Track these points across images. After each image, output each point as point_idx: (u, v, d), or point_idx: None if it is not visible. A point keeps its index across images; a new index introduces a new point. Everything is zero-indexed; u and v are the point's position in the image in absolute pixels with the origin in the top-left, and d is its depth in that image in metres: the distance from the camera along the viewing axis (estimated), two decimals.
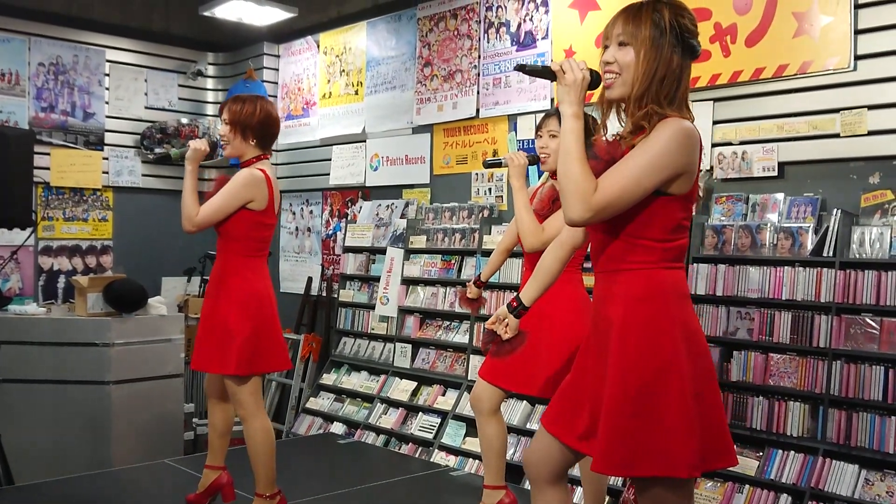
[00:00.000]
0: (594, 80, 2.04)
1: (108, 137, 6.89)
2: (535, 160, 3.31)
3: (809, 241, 3.80)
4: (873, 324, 3.56)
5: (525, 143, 5.10)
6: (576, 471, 3.91)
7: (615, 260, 2.04)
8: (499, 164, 3.41)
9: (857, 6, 3.80)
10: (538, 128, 3.28)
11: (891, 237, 3.58)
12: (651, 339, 1.97)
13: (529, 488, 2.28)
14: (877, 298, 3.55)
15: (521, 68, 2.12)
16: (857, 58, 3.81)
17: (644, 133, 1.98)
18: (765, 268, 3.90)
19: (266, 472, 3.36)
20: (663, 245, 2.01)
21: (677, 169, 1.95)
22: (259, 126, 3.36)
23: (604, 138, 2.09)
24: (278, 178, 7.14)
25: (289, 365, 3.50)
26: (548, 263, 2.51)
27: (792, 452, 3.73)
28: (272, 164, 3.53)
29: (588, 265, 3.20)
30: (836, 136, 3.87)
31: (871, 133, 3.77)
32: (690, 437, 1.92)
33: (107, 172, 6.88)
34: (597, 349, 2.07)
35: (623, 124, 2.08)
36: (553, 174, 3.26)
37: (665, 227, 2.00)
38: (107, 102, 6.89)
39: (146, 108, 7.12)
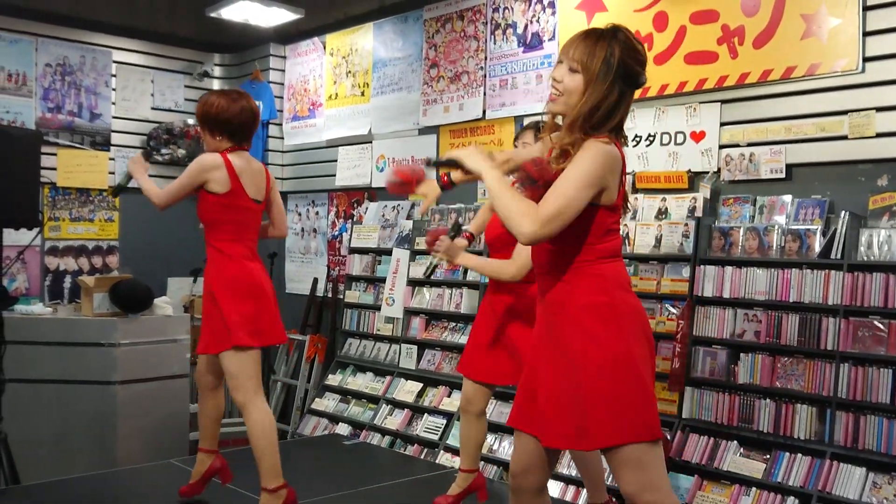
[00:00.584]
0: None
1: (115, 138, 6.90)
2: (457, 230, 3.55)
3: (817, 244, 3.79)
4: (881, 326, 3.54)
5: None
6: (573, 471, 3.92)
7: (561, 261, 2.27)
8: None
9: (866, 8, 3.79)
10: (514, 139, 3.43)
11: None
12: (609, 319, 2.22)
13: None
14: (885, 301, 3.54)
15: (433, 164, 2.33)
16: (866, 60, 3.80)
17: (570, 157, 2.19)
18: (772, 270, 3.88)
19: (270, 462, 3.35)
20: (599, 245, 2.25)
21: (603, 184, 2.17)
22: (215, 120, 3.42)
23: (531, 161, 2.26)
24: (284, 178, 7.18)
25: (284, 338, 3.55)
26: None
27: (799, 455, 3.71)
28: (275, 164, 3.57)
29: None
30: (844, 138, 3.86)
31: (879, 135, 3.76)
32: (654, 405, 2.24)
33: (113, 173, 6.88)
34: (550, 340, 2.28)
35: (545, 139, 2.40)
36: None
37: (597, 233, 2.24)
38: (113, 103, 6.90)
39: (152, 108, 7.13)
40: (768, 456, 3.79)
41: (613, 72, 2.18)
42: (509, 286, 3.42)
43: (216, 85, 7.53)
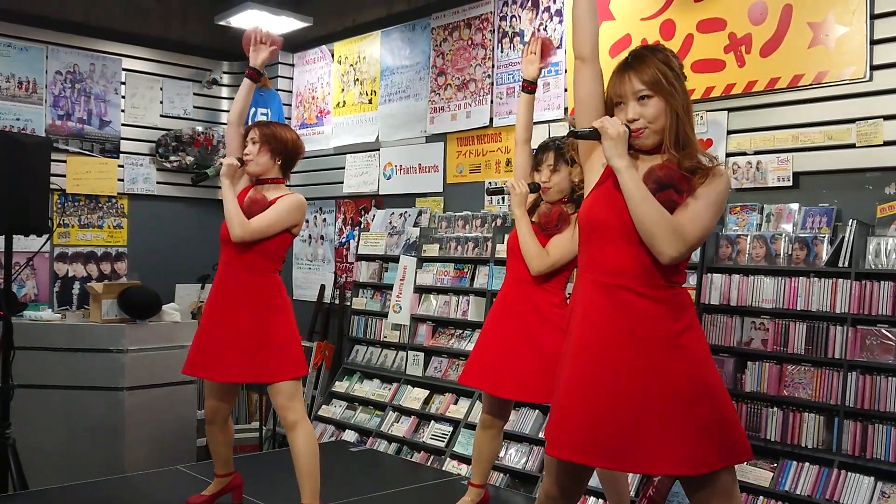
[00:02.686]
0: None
1: (124, 145, 6.94)
2: (536, 188, 3.39)
3: (825, 252, 3.78)
4: (889, 335, 3.53)
5: None
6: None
7: (664, 276, 2.16)
8: (501, 192, 3.52)
9: (873, 16, 3.79)
10: (537, 163, 3.38)
11: None
12: (706, 347, 2.21)
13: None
14: (893, 309, 3.53)
15: (573, 134, 2.24)
16: (873, 68, 3.80)
17: (703, 175, 2.16)
18: (779, 278, 3.88)
19: (315, 481, 3.38)
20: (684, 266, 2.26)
21: None
22: (291, 150, 3.51)
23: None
24: (292, 185, 7.19)
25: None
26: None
27: (807, 464, 3.70)
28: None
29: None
30: (852, 146, 3.86)
31: (886, 143, 3.76)
32: None
33: (122, 180, 6.92)
34: (644, 362, 2.13)
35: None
36: (554, 204, 3.36)
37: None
38: (122, 110, 6.94)
39: (161, 116, 7.16)
40: (776, 465, 3.78)
41: (679, 71, 2.20)
42: (546, 288, 3.34)
43: (225, 92, 7.57)
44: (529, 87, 3.43)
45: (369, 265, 6.14)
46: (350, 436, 5.66)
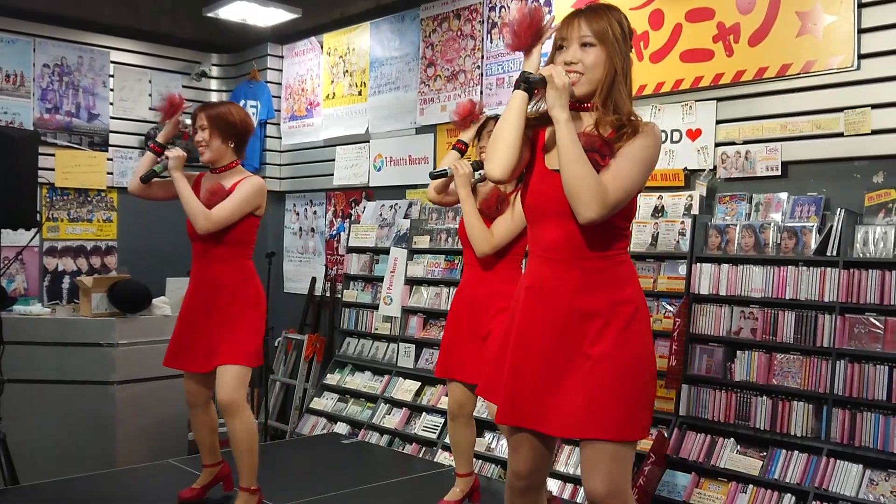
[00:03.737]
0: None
1: (113, 138, 6.91)
2: (479, 166, 3.39)
3: (813, 241, 3.79)
4: (877, 323, 3.55)
5: None
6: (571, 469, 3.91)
7: (598, 248, 2.16)
8: (444, 175, 3.52)
9: (861, 5, 3.79)
10: (479, 131, 3.40)
11: (895, 236, 3.57)
12: (642, 319, 2.21)
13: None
14: (881, 298, 3.54)
15: (524, 81, 2.16)
16: (861, 57, 3.80)
17: (627, 134, 2.13)
18: (768, 267, 3.89)
19: (254, 464, 3.44)
20: (629, 232, 2.27)
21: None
22: (241, 129, 3.46)
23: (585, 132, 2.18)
24: (282, 178, 7.19)
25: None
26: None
27: (796, 452, 3.72)
28: (273, 164, 3.60)
29: None
30: (840, 135, 3.86)
31: (874, 132, 3.76)
32: None
33: (111, 173, 6.89)
34: (574, 334, 2.16)
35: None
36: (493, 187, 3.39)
37: (629, 217, 2.23)
38: (111, 103, 6.91)
39: (150, 109, 7.13)
40: (765, 453, 3.80)
41: (629, 34, 2.19)
42: (500, 271, 3.35)
43: (214, 85, 7.53)
44: (462, 146, 3.54)
45: (360, 257, 6.14)
46: (342, 428, 5.67)
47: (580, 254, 2.16)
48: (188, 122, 3.63)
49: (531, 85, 2.15)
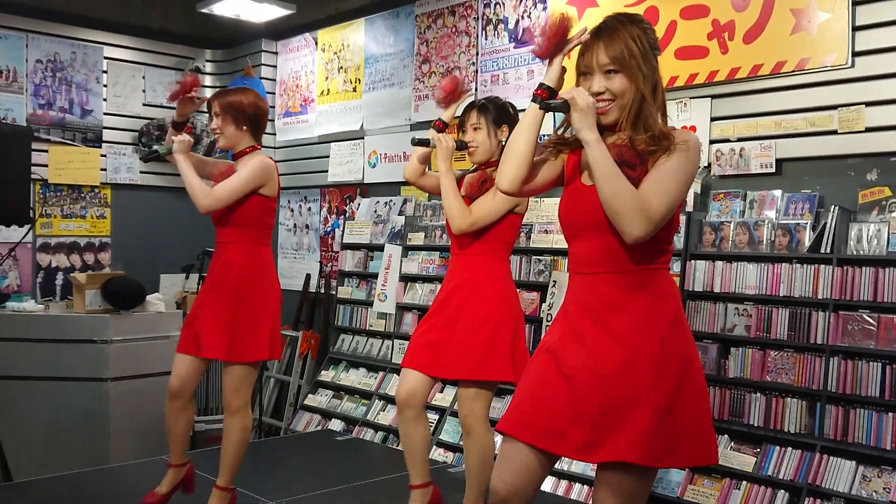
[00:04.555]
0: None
1: (106, 134, 6.89)
2: (463, 146, 3.31)
3: (807, 238, 3.80)
4: (871, 320, 3.56)
5: None
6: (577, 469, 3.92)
7: (636, 261, 2.09)
8: (427, 144, 3.37)
9: (855, 3, 3.80)
10: (460, 124, 3.31)
11: (888, 234, 3.59)
12: (683, 331, 2.12)
13: None
14: (874, 295, 3.56)
15: (545, 107, 2.10)
16: (855, 54, 3.81)
17: (663, 148, 2.06)
18: (762, 264, 3.90)
19: (238, 464, 3.42)
20: (671, 247, 2.18)
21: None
22: (252, 113, 3.43)
23: (614, 143, 2.14)
24: (279, 174, 7.17)
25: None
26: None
27: (789, 449, 3.73)
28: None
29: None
30: (834, 132, 3.87)
31: (868, 130, 3.77)
32: None
33: (105, 169, 6.87)
34: (600, 350, 2.07)
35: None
36: (481, 166, 3.30)
37: (672, 230, 2.16)
38: (104, 99, 6.88)
39: (144, 105, 7.11)
40: (759, 450, 3.81)
41: (649, 49, 2.10)
42: (485, 262, 3.21)
43: (208, 81, 7.51)
44: (441, 125, 3.39)
45: (354, 254, 6.13)
46: (336, 425, 5.67)
47: (619, 267, 2.10)
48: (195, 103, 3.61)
49: (553, 111, 2.10)
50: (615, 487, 2.06)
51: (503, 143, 3.21)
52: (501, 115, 3.26)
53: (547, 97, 2.12)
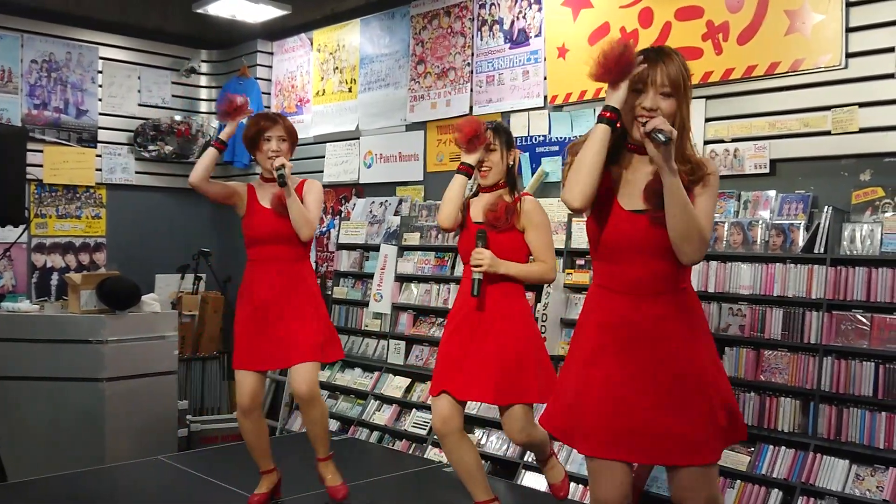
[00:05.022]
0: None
1: (102, 135, 6.89)
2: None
3: (801, 238, 3.82)
4: (864, 320, 3.58)
5: (521, 140, 5.10)
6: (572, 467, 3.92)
7: (672, 282, 2.27)
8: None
9: (849, 4, 3.82)
10: (488, 145, 3.25)
11: (881, 234, 3.60)
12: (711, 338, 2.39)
13: None
14: (867, 295, 3.57)
15: (666, 142, 2.08)
16: (849, 55, 3.83)
17: (700, 177, 2.24)
18: (756, 264, 3.91)
19: (328, 437, 3.73)
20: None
21: None
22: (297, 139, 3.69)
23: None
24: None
25: None
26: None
27: (783, 448, 3.75)
28: None
29: None
30: (828, 133, 3.89)
31: (862, 130, 3.79)
32: None
33: (100, 170, 6.87)
34: (654, 361, 2.25)
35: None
36: (487, 189, 3.27)
37: None
38: (100, 100, 6.89)
39: (139, 105, 7.12)
40: (753, 449, 3.82)
41: (690, 85, 2.26)
42: (504, 289, 3.19)
43: (203, 81, 7.53)
44: (468, 170, 3.25)
45: (350, 254, 6.14)
46: (332, 425, 5.66)
47: (661, 288, 2.26)
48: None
49: (653, 139, 2.10)
50: (710, 479, 2.29)
51: (510, 165, 3.25)
52: (511, 138, 3.31)
53: (615, 118, 2.19)
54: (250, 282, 3.55)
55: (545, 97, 5.03)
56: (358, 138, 6.40)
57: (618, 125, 2.20)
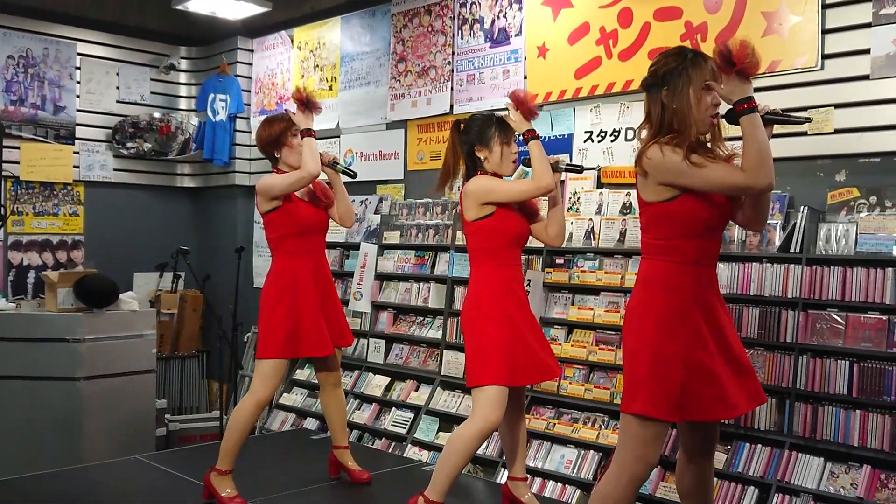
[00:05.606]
0: None
1: (80, 131, 6.83)
2: (527, 164, 3.32)
3: (777, 238, 3.86)
4: (839, 319, 3.62)
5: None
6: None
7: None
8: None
9: (825, 6, 3.86)
10: (507, 137, 3.28)
11: (856, 234, 3.65)
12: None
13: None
14: (842, 294, 3.61)
15: (784, 120, 2.64)
16: (825, 57, 3.87)
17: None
18: (733, 264, 3.95)
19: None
20: None
21: None
22: None
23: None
24: (252, 172, 7.16)
25: None
26: None
27: (759, 446, 3.78)
28: (243, 158, 3.62)
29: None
30: (804, 134, 3.93)
31: (837, 131, 3.83)
32: None
33: (78, 167, 6.81)
34: (717, 330, 2.58)
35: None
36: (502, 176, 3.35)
37: None
38: (78, 96, 6.83)
39: (118, 101, 7.06)
40: (729, 447, 3.86)
41: None
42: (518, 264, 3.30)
43: (183, 78, 7.48)
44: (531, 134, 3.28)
45: (330, 252, 6.12)
46: (311, 423, 5.66)
47: (717, 259, 2.68)
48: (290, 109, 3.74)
49: (790, 122, 2.65)
50: (713, 437, 2.76)
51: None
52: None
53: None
54: (303, 273, 3.65)
55: None
56: (338, 136, 6.38)
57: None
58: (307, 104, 3.64)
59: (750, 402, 2.64)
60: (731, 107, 2.48)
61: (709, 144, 2.61)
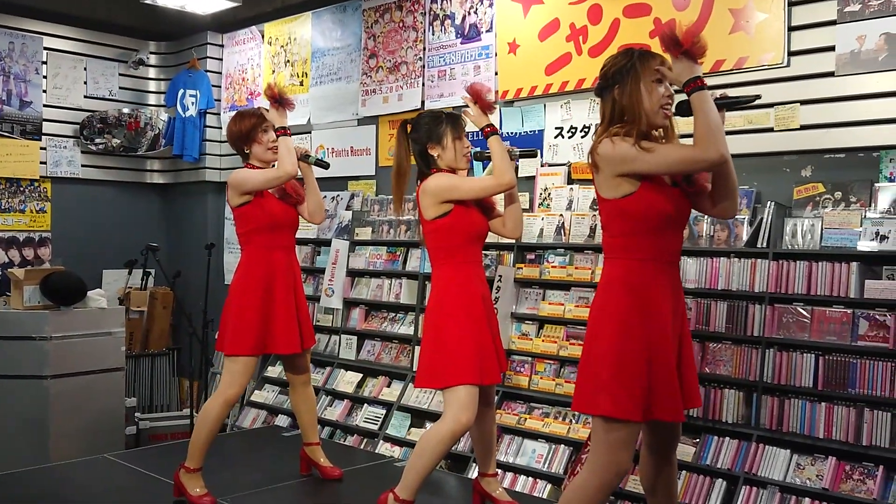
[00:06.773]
0: None
1: (46, 127, 6.74)
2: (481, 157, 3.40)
3: (744, 233, 3.90)
4: (804, 313, 3.67)
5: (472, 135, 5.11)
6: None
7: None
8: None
9: (791, 3, 3.90)
10: (459, 134, 3.27)
11: (821, 229, 3.70)
12: None
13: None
14: (808, 288, 3.66)
15: (737, 103, 2.74)
16: (791, 54, 3.91)
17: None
18: (701, 259, 3.98)
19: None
20: None
21: None
22: None
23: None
24: (223, 168, 7.11)
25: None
26: None
27: (727, 438, 3.82)
28: (213, 154, 3.58)
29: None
30: (771, 130, 3.97)
31: (803, 127, 3.88)
32: None
33: (45, 163, 6.73)
34: (677, 328, 2.59)
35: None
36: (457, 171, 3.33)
37: None
38: (44, 91, 6.74)
39: (86, 97, 6.98)
40: (698, 440, 3.89)
41: None
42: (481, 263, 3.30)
43: (152, 73, 7.41)
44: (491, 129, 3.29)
45: (301, 249, 6.10)
46: (283, 420, 5.64)
47: (679, 258, 2.66)
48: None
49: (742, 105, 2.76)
50: (677, 434, 2.77)
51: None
52: None
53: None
54: (276, 267, 3.63)
55: (496, 92, 5.04)
56: (309, 132, 6.36)
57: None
58: (280, 101, 3.62)
59: (687, 403, 2.64)
60: (681, 101, 2.51)
61: (662, 141, 2.61)
